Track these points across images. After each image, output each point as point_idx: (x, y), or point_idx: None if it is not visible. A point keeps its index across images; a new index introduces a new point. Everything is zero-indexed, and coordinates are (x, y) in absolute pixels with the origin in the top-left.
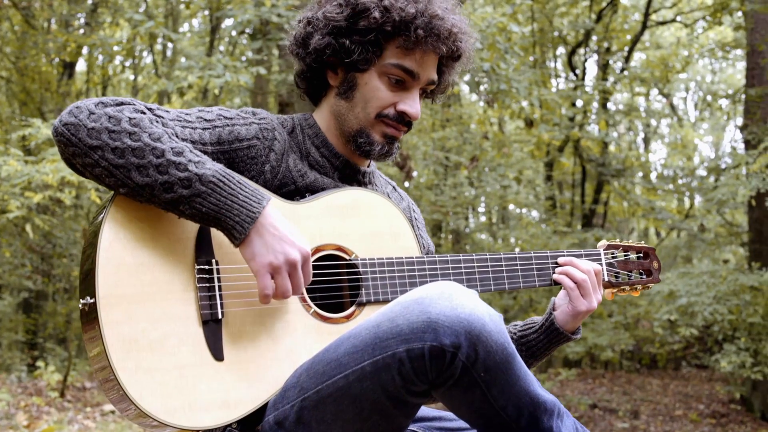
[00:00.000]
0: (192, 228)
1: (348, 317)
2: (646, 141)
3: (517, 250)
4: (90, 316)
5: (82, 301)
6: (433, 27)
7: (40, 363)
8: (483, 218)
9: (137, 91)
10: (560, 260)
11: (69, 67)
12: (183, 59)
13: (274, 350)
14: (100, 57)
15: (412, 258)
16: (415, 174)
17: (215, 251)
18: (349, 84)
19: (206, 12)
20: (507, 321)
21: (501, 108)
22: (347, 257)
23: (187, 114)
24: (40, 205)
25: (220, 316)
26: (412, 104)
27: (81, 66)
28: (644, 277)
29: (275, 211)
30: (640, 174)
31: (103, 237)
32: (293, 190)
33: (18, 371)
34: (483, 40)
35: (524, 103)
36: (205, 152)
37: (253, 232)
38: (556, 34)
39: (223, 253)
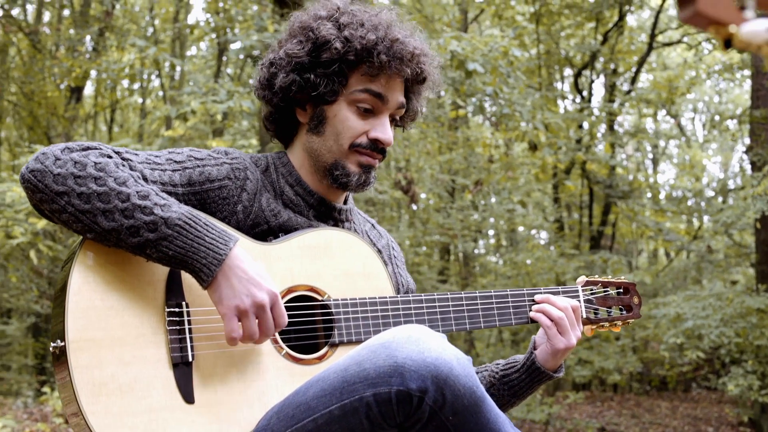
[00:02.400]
0: (162, 271)
1: (320, 358)
2: (655, 162)
3: (525, 271)
4: (60, 359)
5: (52, 344)
6: (395, 51)
7: (46, 388)
8: (492, 240)
9: (145, 114)
10: (537, 298)
11: (77, 92)
12: (191, 83)
13: (245, 392)
14: (108, 81)
15: (386, 298)
16: (423, 196)
17: (185, 294)
18: (319, 118)
19: (213, 35)
20: (516, 343)
21: (504, 131)
22: (320, 298)
23: (156, 156)
24: (45, 231)
25: (190, 359)
26: (384, 130)
27: (90, 90)
28: (624, 312)
29: (243, 252)
30: (649, 195)
31: (73, 281)
32: (266, 230)
33: (25, 396)
34: (486, 64)
35: (529, 126)
36: (175, 194)
37: (220, 275)
38: (563, 54)
39: (194, 296)
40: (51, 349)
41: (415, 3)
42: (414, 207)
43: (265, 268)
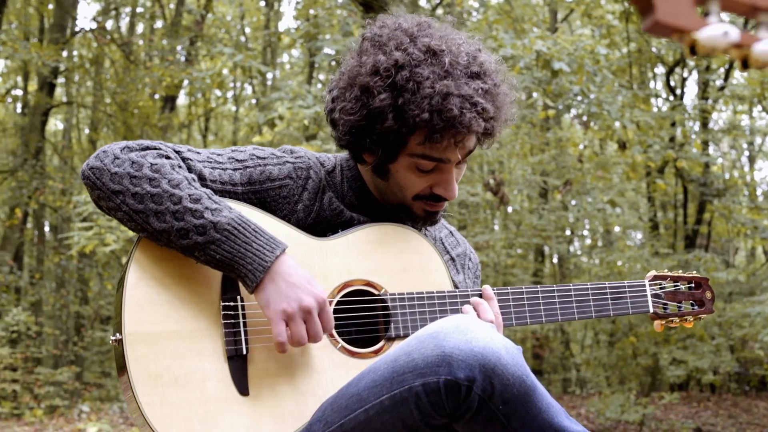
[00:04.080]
0: None
1: (377, 352)
2: (751, 159)
3: (617, 271)
4: (119, 351)
5: (112, 337)
6: (452, 125)
7: None
8: (588, 241)
9: (238, 121)
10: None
11: (170, 101)
12: (281, 89)
13: (299, 385)
14: (199, 90)
15: (444, 292)
16: (515, 195)
17: (240, 288)
18: (382, 168)
19: (302, 41)
20: (611, 345)
21: (592, 130)
22: (376, 292)
23: (218, 155)
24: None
25: (245, 352)
26: (447, 186)
27: (184, 99)
28: (696, 307)
29: (290, 259)
30: (746, 192)
31: (130, 276)
32: (326, 229)
33: (121, 402)
34: (572, 63)
35: (618, 125)
36: (235, 192)
37: (266, 280)
38: (654, 51)
39: None
40: (110, 341)
41: (504, 5)
42: (509, 209)
43: (322, 263)
